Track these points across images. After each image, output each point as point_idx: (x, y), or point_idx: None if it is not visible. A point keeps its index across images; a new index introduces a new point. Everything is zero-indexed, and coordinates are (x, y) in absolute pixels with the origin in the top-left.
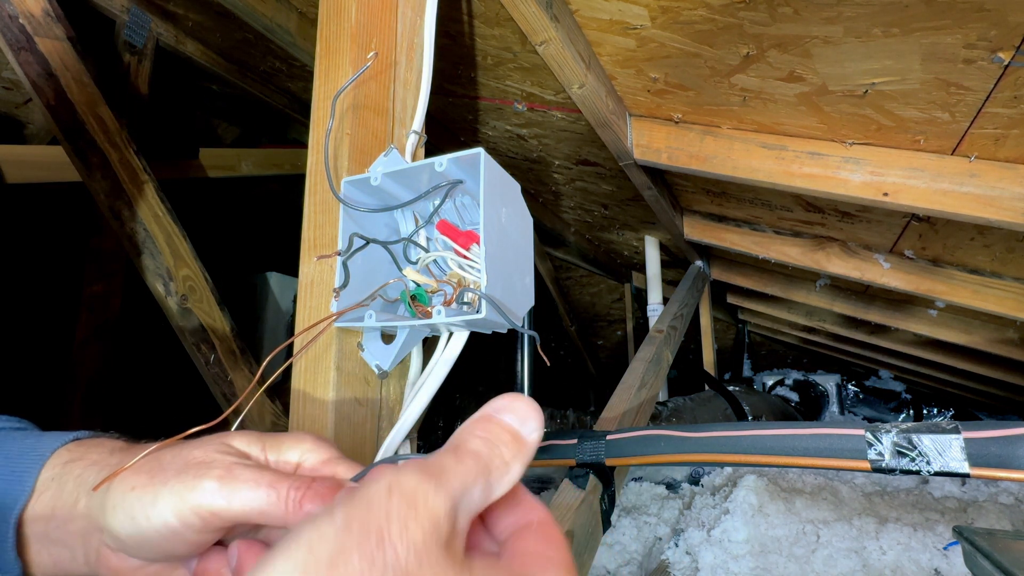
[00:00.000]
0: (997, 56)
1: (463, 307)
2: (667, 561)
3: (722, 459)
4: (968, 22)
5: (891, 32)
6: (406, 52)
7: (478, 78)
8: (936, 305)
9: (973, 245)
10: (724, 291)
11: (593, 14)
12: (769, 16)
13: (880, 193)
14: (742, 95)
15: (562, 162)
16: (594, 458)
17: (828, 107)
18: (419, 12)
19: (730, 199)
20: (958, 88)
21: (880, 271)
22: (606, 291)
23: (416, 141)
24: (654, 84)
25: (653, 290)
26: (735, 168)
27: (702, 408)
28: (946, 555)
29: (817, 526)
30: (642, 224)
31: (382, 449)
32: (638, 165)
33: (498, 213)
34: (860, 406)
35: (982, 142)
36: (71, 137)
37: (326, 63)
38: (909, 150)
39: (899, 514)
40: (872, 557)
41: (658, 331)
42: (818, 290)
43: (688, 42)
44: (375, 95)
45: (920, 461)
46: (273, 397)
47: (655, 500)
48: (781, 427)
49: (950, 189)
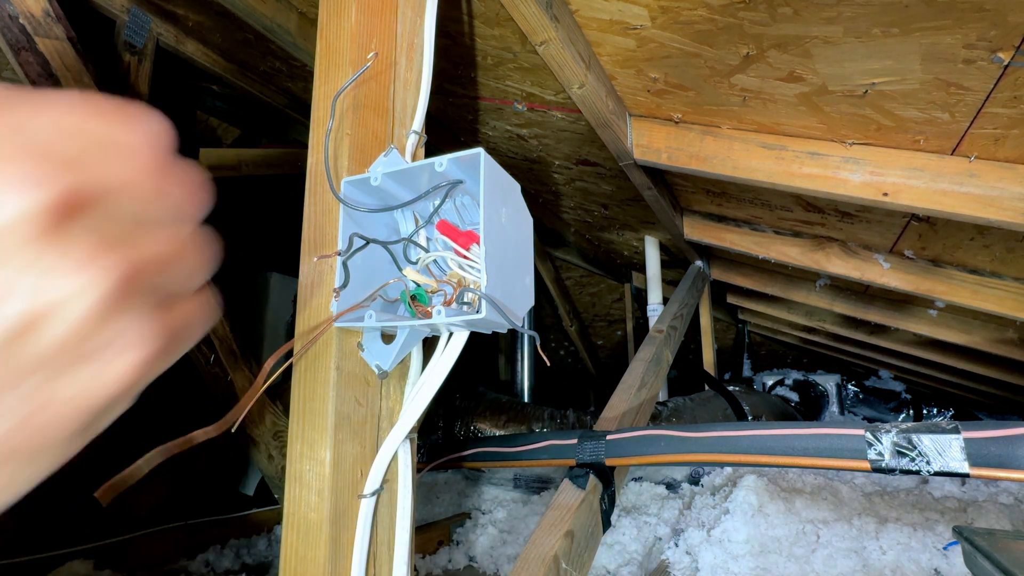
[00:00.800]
0: (997, 56)
1: (463, 307)
2: (667, 561)
3: (722, 459)
4: (968, 22)
5: (891, 32)
6: (406, 52)
7: (478, 78)
8: (936, 305)
9: (973, 245)
10: (724, 291)
11: (593, 14)
12: (769, 16)
13: (880, 193)
14: (742, 95)
15: (562, 162)
16: (594, 458)
17: (828, 107)
18: (419, 12)
19: (730, 199)
20: (958, 88)
21: (880, 271)
22: (606, 291)
23: (416, 141)
24: (654, 84)
25: (653, 290)
26: (735, 168)
27: (702, 408)
28: (946, 555)
29: (817, 526)
30: (642, 224)
31: (382, 449)
32: (638, 165)
33: (498, 213)
34: (860, 406)
35: (982, 142)
36: None
37: (326, 63)
38: (909, 150)
39: (899, 514)
40: (872, 557)
41: (658, 331)
42: (818, 290)
43: (688, 42)
44: (375, 95)
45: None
46: (274, 398)
47: (655, 500)
48: (781, 427)
49: (950, 189)
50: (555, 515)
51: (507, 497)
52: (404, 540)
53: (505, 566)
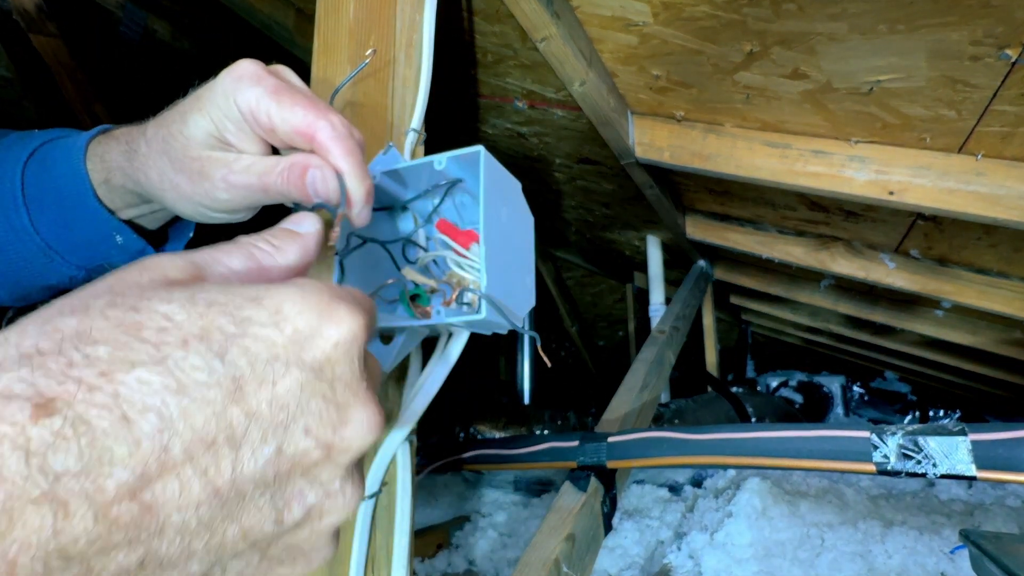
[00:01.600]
0: (1004, 53)
1: (463, 307)
2: (670, 565)
3: (725, 461)
4: (974, 18)
5: (896, 29)
6: (405, 49)
7: (478, 75)
8: (942, 305)
9: (979, 244)
10: (727, 291)
11: (594, 10)
12: (773, 12)
13: (885, 192)
14: (745, 93)
15: (563, 160)
16: (596, 460)
17: (833, 105)
18: (418, 8)
19: (733, 198)
20: (964, 85)
21: (885, 271)
22: (607, 291)
23: (415, 139)
24: (656, 81)
25: (655, 290)
26: (738, 167)
27: (705, 410)
28: (952, 559)
29: (822, 529)
30: (644, 223)
31: (380, 451)
32: (640, 164)
33: (498, 212)
34: (865, 408)
35: (989, 140)
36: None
37: (324, 60)
38: (915, 148)
39: (905, 517)
40: (878, 561)
41: (660, 332)
42: (822, 290)
43: (691, 39)
44: (373, 93)
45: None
46: None
47: (657, 503)
48: (785, 429)
49: (956, 188)
50: (556, 518)
51: (507, 500)
52: (403, 544)
53: (505, 570)
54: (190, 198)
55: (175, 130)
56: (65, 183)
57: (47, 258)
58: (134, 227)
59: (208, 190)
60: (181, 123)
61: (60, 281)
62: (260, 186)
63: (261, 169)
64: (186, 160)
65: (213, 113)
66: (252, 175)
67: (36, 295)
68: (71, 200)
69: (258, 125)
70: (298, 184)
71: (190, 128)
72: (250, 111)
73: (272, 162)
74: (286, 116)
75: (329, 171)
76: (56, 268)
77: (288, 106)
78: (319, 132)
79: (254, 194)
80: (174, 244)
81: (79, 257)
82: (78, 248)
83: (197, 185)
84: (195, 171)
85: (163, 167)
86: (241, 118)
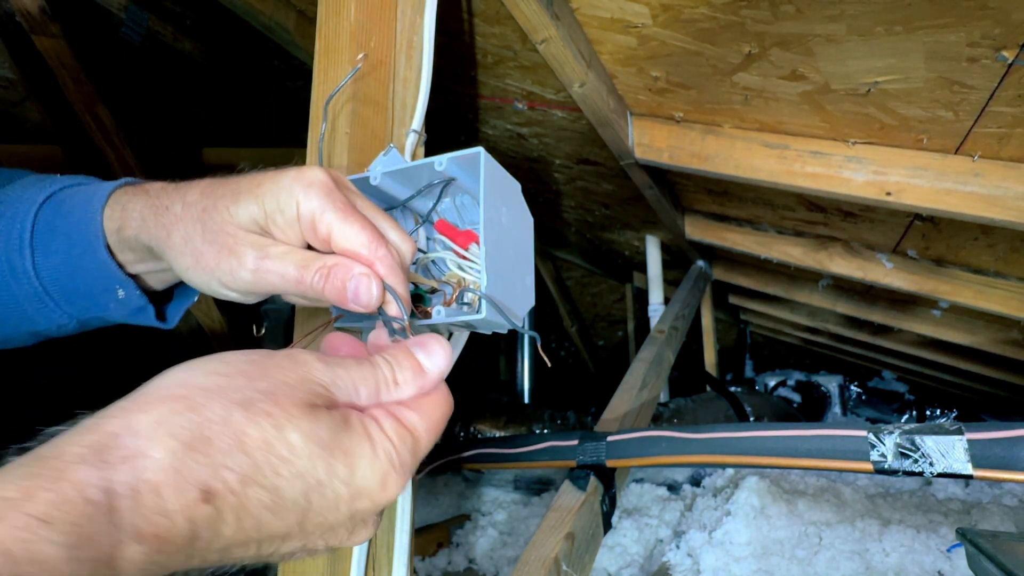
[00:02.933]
0: (1001, 54)
1: (463, 308)
2: (668, 563)
3: (724, 460)
4: (972, 20)
5: (894, 30)
6: (405, 50)
7: (478, 76)
8: (939, 305)
9: (977, 245)
10: (726, 291)
11: (594, 12)
12: (771, 14)
13: (883, 192)
14: (744, 94)
15: (563, 161)
16: (595, 459)
17: (831, 106)
18: (419, 10)
19: (732, 198)
20: (962, 86)
21: (883, 271)
22: (607, 291)
23: (416, 140)
24: (655, 83)
25: (654, 290)
26: (737, 167)
27: (703, 409)
28: (949, 557)
29: (820, 528)
30: (643, 224)
31: None
32: (639, 164)
33: (498, 213)
34: (863, 407)
35: (986, 141)
36: (68, 136)
37: (325, 62)
38: (912, 149)
39: (902, 516)
40: (875, 559)
41: (659, 331)
42: (820, 290)
43: (690, 40)
44: (374, 93)
45: (923, 462)
46: None
47: (656, 502)
48: (783, 428)
49: (953, 188)
50: (555, 517)
51: (507, 499)
52: (403, 542)
53: (505, 568)
54: (210, 270)
55: (222, 205)
56: (77, 230)
57: (41, 303)
58: (137, 283)
59: (233, 268)
60: (231, 201)
61: (48, 328)
62: (295, 277)
63: (299, 260)
64: (220, 234)
65: (268, 204)
66: (288, 264)
67: (20, 339)
68: (80, 248)
69: (312, 231)
70: (338, 287)
71: (239, 208)
72: (311, 219)
73: (310, 256)
74: (348, 235)
75: (377, 283)
76: (48, 315)
77: (352, 226)
78: (378, 263)
79: (282, 283)
80: (176, 306)
81: (76, 307)
82: (77, 297)
83: (223, 260)
84: (225, 246)
85: (192, 232)
86: (295, 219)
